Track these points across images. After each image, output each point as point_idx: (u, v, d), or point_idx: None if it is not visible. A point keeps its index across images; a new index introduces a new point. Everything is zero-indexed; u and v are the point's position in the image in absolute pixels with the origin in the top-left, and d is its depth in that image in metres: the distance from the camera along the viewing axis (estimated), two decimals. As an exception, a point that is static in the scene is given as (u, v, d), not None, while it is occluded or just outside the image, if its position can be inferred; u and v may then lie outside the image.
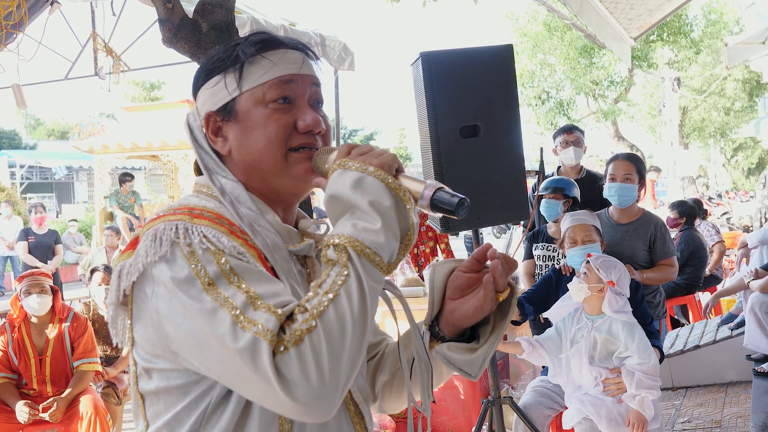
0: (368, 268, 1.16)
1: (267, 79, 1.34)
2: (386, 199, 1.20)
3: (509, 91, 3.25)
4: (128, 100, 30.66)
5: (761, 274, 5.60)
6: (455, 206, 1.23)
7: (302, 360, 1.09)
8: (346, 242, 1.16)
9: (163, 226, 1.22)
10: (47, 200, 28.78)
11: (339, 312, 1.12)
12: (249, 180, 1.36)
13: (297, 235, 1.39)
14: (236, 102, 1.35)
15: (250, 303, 1.13)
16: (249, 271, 1.19)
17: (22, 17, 5.66)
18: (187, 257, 1.18)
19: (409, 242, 1.23)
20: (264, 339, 1.09)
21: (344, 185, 1.21)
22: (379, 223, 1.18)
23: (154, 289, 1.20)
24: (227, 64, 1.36)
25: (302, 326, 1.10)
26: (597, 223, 3.93)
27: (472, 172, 3.17)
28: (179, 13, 3.90)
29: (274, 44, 1.36)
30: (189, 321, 1.15)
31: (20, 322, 4.77)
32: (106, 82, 7.18)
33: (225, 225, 1.25)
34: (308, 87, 1.37)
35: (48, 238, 11.05)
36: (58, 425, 4.63)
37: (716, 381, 5.97)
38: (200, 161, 1.38)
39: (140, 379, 1.29)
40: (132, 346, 1.29)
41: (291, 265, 1.34)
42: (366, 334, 1.14)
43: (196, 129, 1.40)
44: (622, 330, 3.45)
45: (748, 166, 35.73)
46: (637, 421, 3.37)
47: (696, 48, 20.86)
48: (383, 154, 1.25)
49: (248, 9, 6.17)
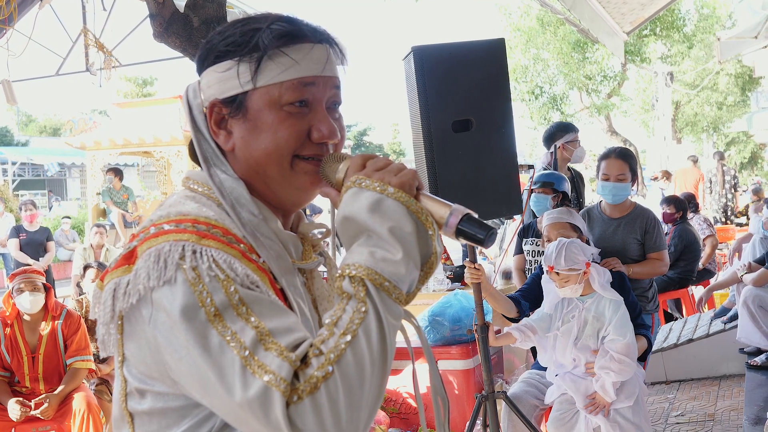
0: (387, 303, 1.06)
1: (286, 78, 1.20)
2: (407, 224, 1.09)
3: (501, 85, 3.25)
4: (120, 96, 30.59)
5: (754, 268, 5.62)
6: (484, 238, 1.11)
7: (318, 411, 1.00)
8: (364, 274, 1.06)
9: (168, 247, 1.09)
10: (39, 197, 28.67)
11: (357, 355, 1.02)
12: (252, 179, 1.24)
13: (298, 241, 1.29)
14: (248, 97, 1.21)
15: (260, 341, 1.03)
16: (260, 302, 1.08)
17: (11, 12, 5.63)
18: (192, 283, 1.06)
19: (430, 270, 1.12)
20: (277, 389, 0.99)
21: (361, 207, 1.10)
22: (400, 253, 1.07)
23: (152, 314, 1.08)
24: (243, 50, 1.21)
25: (318, 372, 1.01)
26: (575, 220, 3.91)
27: (465, 167, 3.16)
28: (170, 7, 3.88)
29: (299, 38, 1.22)
30: (191, 357, 1.04)
31: (13, 319, 4.74)
32: (98, 78, 7.16)
33: (234, 245, 1.12)
34: (328, 90, 1.24)
35: (40, 235, 11.00)
36: (50, 422, 4.61)
37: (709, 374, 5.99)
38: (198, 149, 1.24)
39: (130, 397, 1.17)
40: (122, 362, 1.17)
41: (296, 279, 1.24)
42: (386, 376, 1.06)
43: (196, 108, 1.26)
44: (609, 307, 3.50)
45: (740, 160, 35.81)
46: (597, 402, 3.45)
47: (689, 42, 20.91)
48: (403, 170, 1.14)
49: (240, 3, 6.15)
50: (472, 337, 4.43)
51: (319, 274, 1.34)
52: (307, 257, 1.30)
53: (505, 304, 3.83)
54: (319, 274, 1.34)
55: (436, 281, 5.49)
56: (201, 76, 1.27)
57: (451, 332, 4.57)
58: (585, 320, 3.54)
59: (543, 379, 3.78)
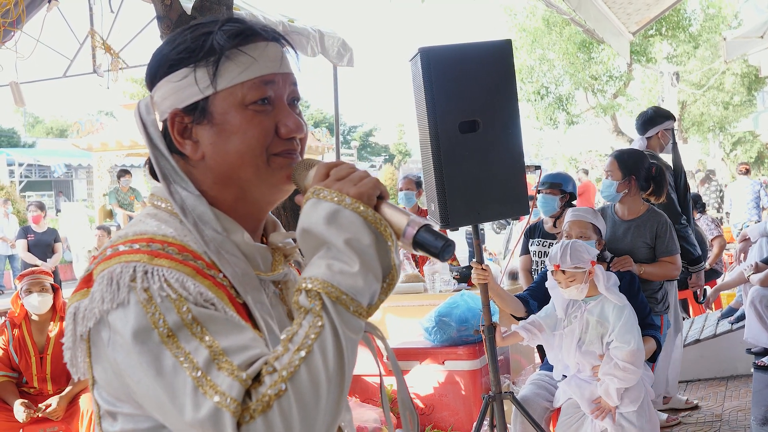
0: (345, 316, 1.03)
1: (246, 78, 1.19)
2: (365, 236, 1.06)
3: (508, 86, 3.25)
4: (127, 98, 30.62)
5: (761, 268, 5.61)
6: (439, 249, 1.09)
7: (270, 429, 0.98)
8: (320, 288, 1.04)
9: (119, 269, 1.08)
10: (46, 198, 28.77)
11: (312, 372, 1.00)
12: (219, 191, 1.22)
13: (267, 252, 1.26)
14: (210, 102, 1.19)
15: (213, 360, 1.01)
16: (214, 320, 1.06)
17: (19, 15, 5.65)
18: (144, 304, 1.04)
19: (392, 282, 1.10)
20: (227, 410, 0.98)
21: (318, 219, 1.08)
22: (357, 265, 1.05)
23: (111, 336, 1.07)
24: (198, 55, 1.19)
25: (270, 391, 0.99)
26: (598, 221, 3.94)
27: (472, 168, 3.17)
28: (177, 9, 3.90)
29: (252, 36, 1.21)
30: (148, 379, 1.03)
31: (21, 320, 4.77)
32: (105, 79, 7.16)
33: (190, 262, 1.10)
34: (287, 87, 1.24)
35: (47, 236, 11.04)
36: (59, 423, 4.63)
37: (717, 375, 5.99)
38: (156, 166, 1.21)
39: (104, 419, 1.17)
40: (93, 386, 1.16)
41: (262, 295, 1.20)
42: (344, 392, 1.03)
43: (150, 124, 1.23)
44: (612, 312, 3.49)
45: (746, 160, 35.70)
46: (602, 407, 3.45)
47: (694, 42, 20.84)
48: (363, 179, 1.11)
49: (246, 5, 6.17)
50: (479, 338, 4.44)
51: (293, 283, 1.31)
52: (276, 268, 1.27)
53: (512, 303, 3.83)
54: (293, 283, 1.31)
55: (443, 282, 5.50)
56: (153, 91, 1.25)
57: (458, 333, 4.58)
58: (587, 322, 3.53)
59: (552, 380, 3.78)
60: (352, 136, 45.88)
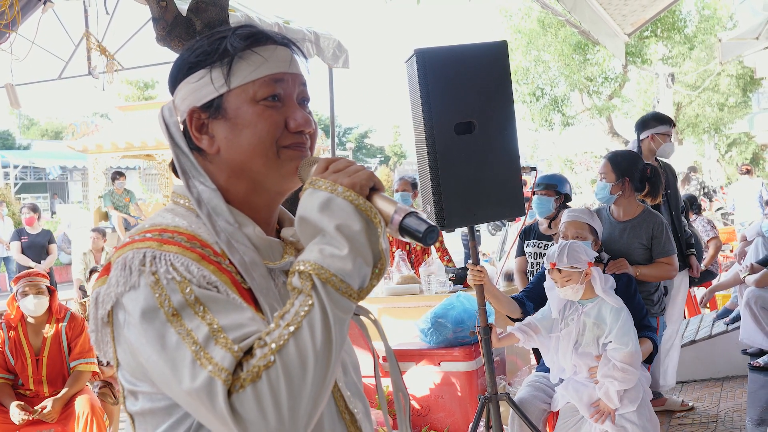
0: (334, 297, 1.10)
1: (257, 76, 1.28)
2: (355, 222, 1.13)
3: (504, 88, 3.26)
4: (122, 100, 30.58)
5: (756, 269, 5.62)
6: (423, 233, 1.15)
7: (259, 399, 1.04)
8: (311, 269, 1.11)
9: (131, 255, 1.17)
10: (41, 200, 28.70)
11: (300, 346, 1.07)
12: (233, 184, 1.31)
13: (279, 246, 1.33)
14: (224, 99, 1.28)
15: (212, 336, 1.09)
16: (215, 301, 1.14)
17: (14, 16, 5.64)
18: (152, 286, 1.13)
19: (382, 268, 1.16)
20: (218, 378, 1.05)
21: (312, 207, 1.16)
22: (346, 248, 1.12)
23: (126, 318, 1.16)
24: (213, 57, 1.29)
25: (260, 362, 1.06)
26: (594, 222, 3.94)
27: (467, 169, 3.17)
28: (173, 11, 3.89)
29: (263, 39, 1.31)
30: (155, 355, 1.11)
31: (17, 322, 4.76)
32: (100, 81, 7.14)
33: (197, 249, 1.19)
34: (297, 86, 1.33)
35: (41, 238, 11.01)
36: (54, 425, 4.63)
37: (712, 375, 6.00)
38: (177, 162, 1.31)
39: (127, 399, 1.26)
40: (117, 367, 1.25)
41: (270, 282, 1.27)
42: (331, 367, 1.09)
43: (173, 125, 1.32)
44: (609, 314, 3.49)
45: (742, 161, 35.79)
46: (601, 410, 3.45)
47: (690, 44, 20.89)
48: (358, 171, 1.19)
49: (242, 7, 6.16)
50: (474, 339, 4.44)
51: None
52: (285, 259, 1.34)
53: (508, 304, 3.83)
54: None
55: (439, 283, 5.50)
56: (175, 93, 1.34)
57: (454, 334, 4.58)
58: (584, 324, 3.53)
59: (549, 381, 3.77)
60: (347, 137, 45.87)
